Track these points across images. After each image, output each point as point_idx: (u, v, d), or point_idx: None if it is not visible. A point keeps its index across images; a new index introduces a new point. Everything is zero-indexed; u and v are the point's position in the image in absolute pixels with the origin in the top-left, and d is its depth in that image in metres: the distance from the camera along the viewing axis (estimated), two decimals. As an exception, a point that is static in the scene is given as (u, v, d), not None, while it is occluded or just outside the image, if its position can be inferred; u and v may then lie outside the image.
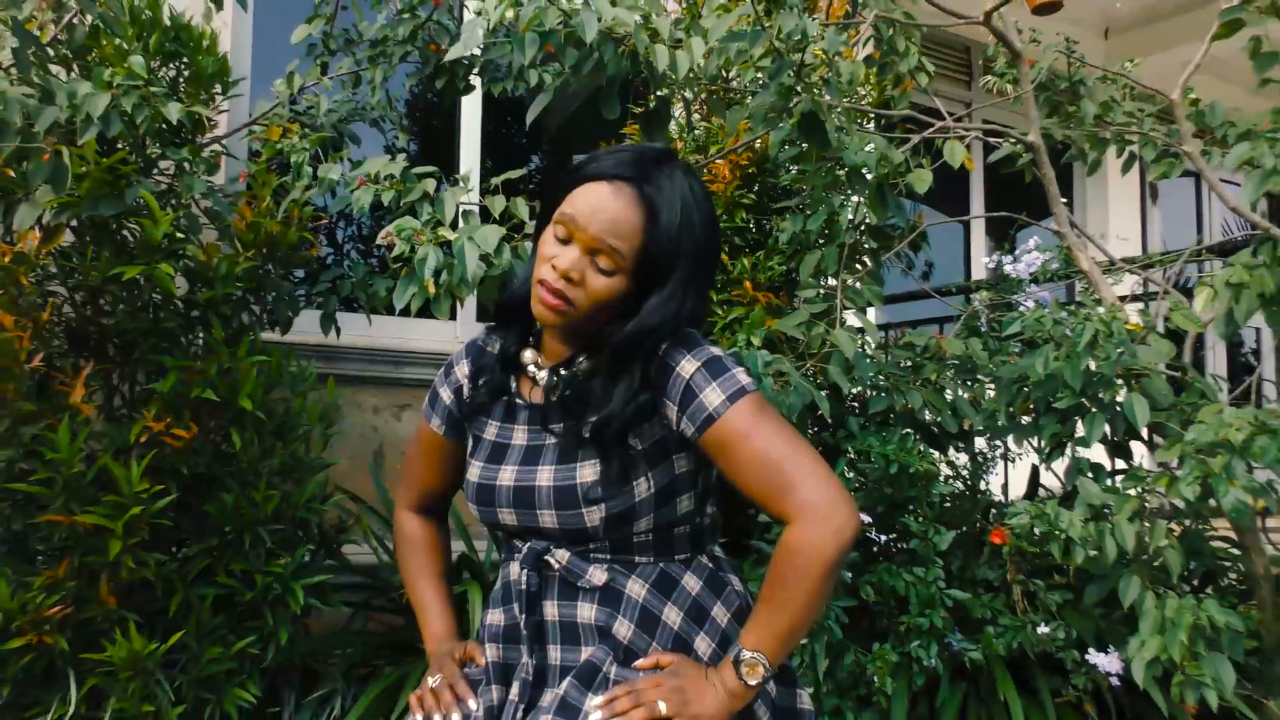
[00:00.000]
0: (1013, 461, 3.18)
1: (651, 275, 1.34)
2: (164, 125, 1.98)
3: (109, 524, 2.03)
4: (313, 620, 2.64)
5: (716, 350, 1.39)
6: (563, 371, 1.42)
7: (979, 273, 5.80)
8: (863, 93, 3.02)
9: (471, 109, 3.99)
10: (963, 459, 2.97)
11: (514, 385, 1.47)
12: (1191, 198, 6.80)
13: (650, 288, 1.35)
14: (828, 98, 1.90)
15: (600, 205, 1.32)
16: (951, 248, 6.13)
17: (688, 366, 1.34)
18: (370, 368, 3.55)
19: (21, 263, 2.09)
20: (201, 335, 2.34)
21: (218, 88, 2.61)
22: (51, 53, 1.92)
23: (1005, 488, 3.39)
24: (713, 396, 1.33)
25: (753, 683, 1.32)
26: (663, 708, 1.29)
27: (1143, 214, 6.31)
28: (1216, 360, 6.16)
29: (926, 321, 3.82)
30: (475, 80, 2.33)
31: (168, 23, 2.48)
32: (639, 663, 1.37)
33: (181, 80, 2.57)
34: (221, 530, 2.27)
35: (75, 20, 1.75)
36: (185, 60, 2.54)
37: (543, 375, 1.44)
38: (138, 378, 2.42)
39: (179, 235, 2.22)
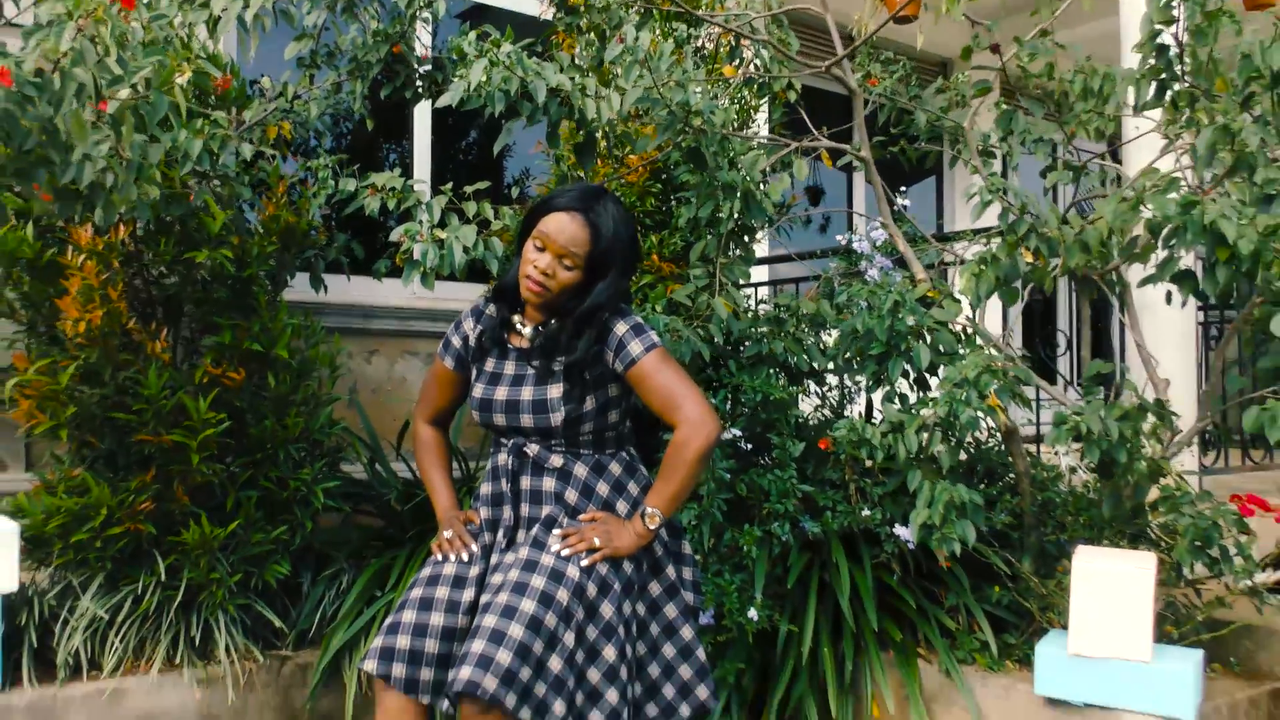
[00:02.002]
0: (860, 394, 4.07)
1: (597, 269, 2.17)
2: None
3: (189, 441, 2.80)
4: (321, 519, 3.43)
5: (638, 318, 2.23)
6: (541, 329, 2.23)
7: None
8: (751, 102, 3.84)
9: (422, 120, 4.73)
10: (834, 393, 3.85)
11: (507, 337, 2.28)
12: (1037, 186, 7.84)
13: (596, 277, 2.18)
14: (707, 133, 2.72)
15: (562, 228, 2.14)
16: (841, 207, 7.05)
17: (621, 328, 2.19)
18: (346, 320, 4.29)
19: (112, 250, 2.81)
20: (242, 301, 3.08)
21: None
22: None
23: (866, 415, 4.28)
24: (635, 348, 2.17)
25: (652, 527, 2.18)
26: (596, 541, 2.13)
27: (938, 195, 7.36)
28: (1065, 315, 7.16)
29: (807, 279, 4.69)
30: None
31: (202, 56, 3.17)
32: (581, 516, 2.21)
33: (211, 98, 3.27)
34: (263, 447, 3.04)
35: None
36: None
37: (528, 331, 2.25)
38: (185, 334, 3.16)
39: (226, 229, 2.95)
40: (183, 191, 2.72)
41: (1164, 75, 2.69)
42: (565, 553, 2.11)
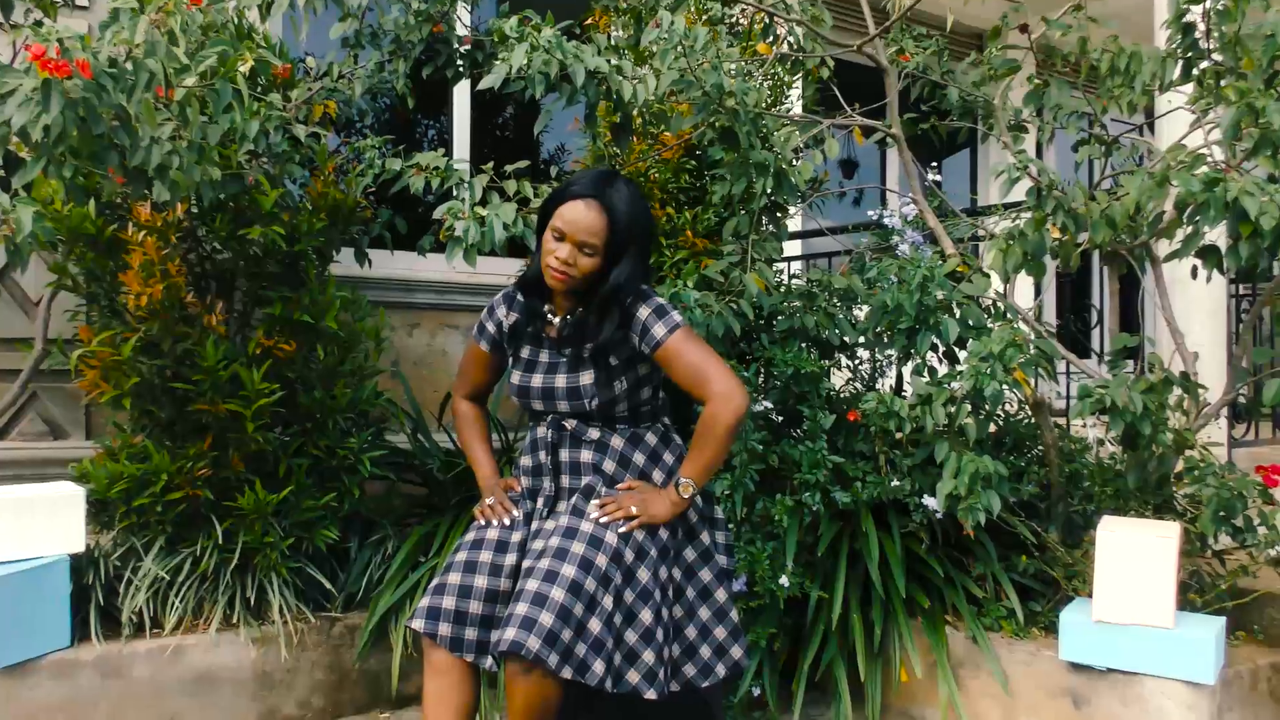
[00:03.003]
0: (890, 368, 4.14)
1: (615, 253, 2.24)
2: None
3: (244, 411, 2.93)
4: (368, 486, 3.56)
5: (660, 299, 2.31)
6: (569, 319, 2.32)
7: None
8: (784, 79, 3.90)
9: (461, 98, 4.82)
10: (865, 367, 3.93)
11: (540, 327, 2.37)
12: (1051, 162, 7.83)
13: (615, 261, 2.25)
14: (741, 113, 2.79)
15: (578, 217, 2.21)
16: (875, 182, 7.07)
17: (644, 311, 2.27)
18: (387, 294, 4.40)
19: (170, 227, 2.93)
20: (292, 275, 3.20)
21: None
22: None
23: (893, 388, 4.35)
24: (659, 330, 2.25)
25: (686, 496, 2.28)
26: (633, 509, 2.23)
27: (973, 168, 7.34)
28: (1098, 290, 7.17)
29: (838, 254, 4.76)
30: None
31: (262, 45, 3.28)
32: (618, 486, 2.30)
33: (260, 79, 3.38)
34: (312, 417, 3.17)
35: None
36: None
37: (557, 321, 2.34)
38: (237, 307, 3.28)
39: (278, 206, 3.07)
40: (239, 171, 2.82)
41: (1190, 54, 2.73)
42: (603, 520, 2.21)
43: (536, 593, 2.07)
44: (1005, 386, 2.72)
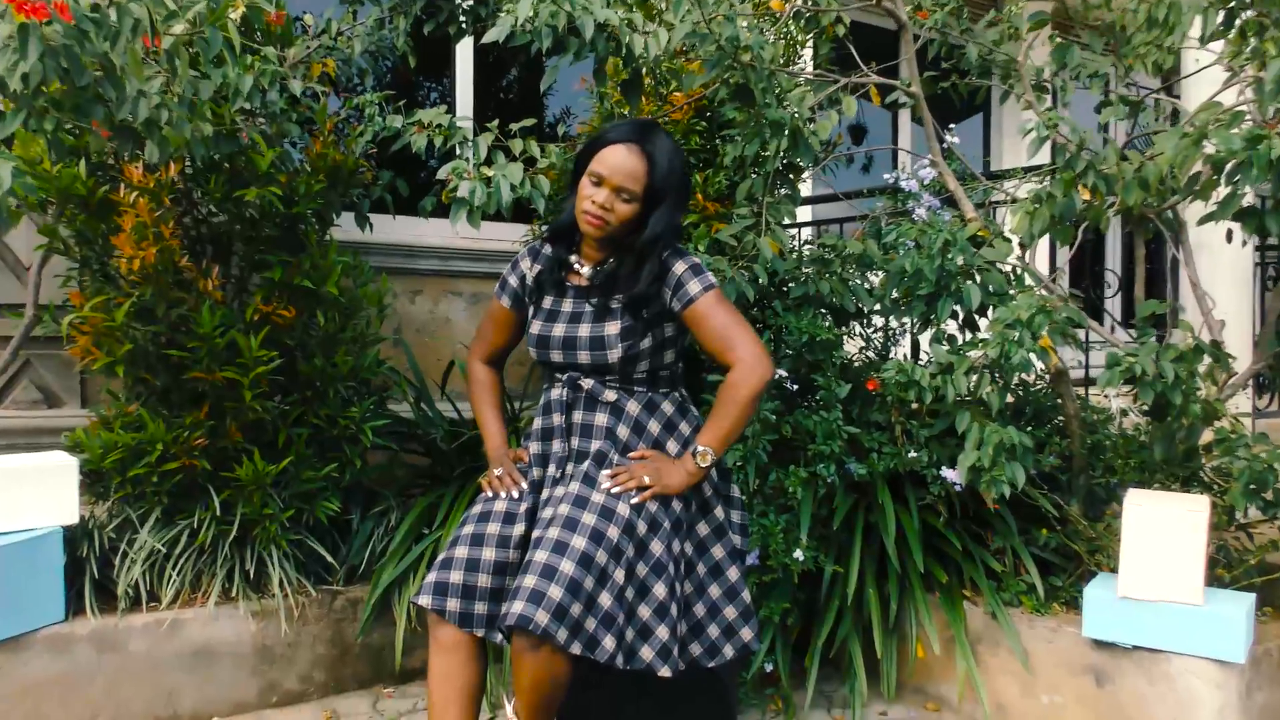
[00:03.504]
0: (904, 336, 4.03)
1: (653, 200, 2.18)
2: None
3: (241, 379, 2.83)
4: (370, 457, 3.47)
5: (696, 258, 2.22)
6: (599, 268, 2.25)
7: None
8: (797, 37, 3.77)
9: (464, 57, 4.68)
10: (878, 335, 3.82)
11: (564, 276, 2.28)
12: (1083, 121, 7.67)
13: (653, 208, 2.18)
14: (756, 69, 2.67)
15: (619, 162, 2.15)
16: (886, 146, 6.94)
17: (679, 266, 2.20)
18: (389, 260, 4.29)
19: (163, 188, 2.82)
20: (291, 238, 3.09)
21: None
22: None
23: (913, 356, 4.24)
24: (693, 286, 2.17)
25: (704, 465, 2.19)
26: (646, 479, 2.14)
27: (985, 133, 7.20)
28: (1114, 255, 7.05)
29: (851, 219, 4.64)
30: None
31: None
32: (631, 455, 2.21)
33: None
34: (312, 385, 3.07)
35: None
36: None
37: (586, 270, 2.27)
38: (234, 272, 3.18)
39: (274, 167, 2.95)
40: (233, 129, 2.71)
41: (1233, 4, 2.60)
42: (615, 490, 2.12)
43: (545, 565, 1.98)
44: (1032, 355, 2.61)
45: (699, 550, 2.30)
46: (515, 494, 2.25)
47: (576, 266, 2.29)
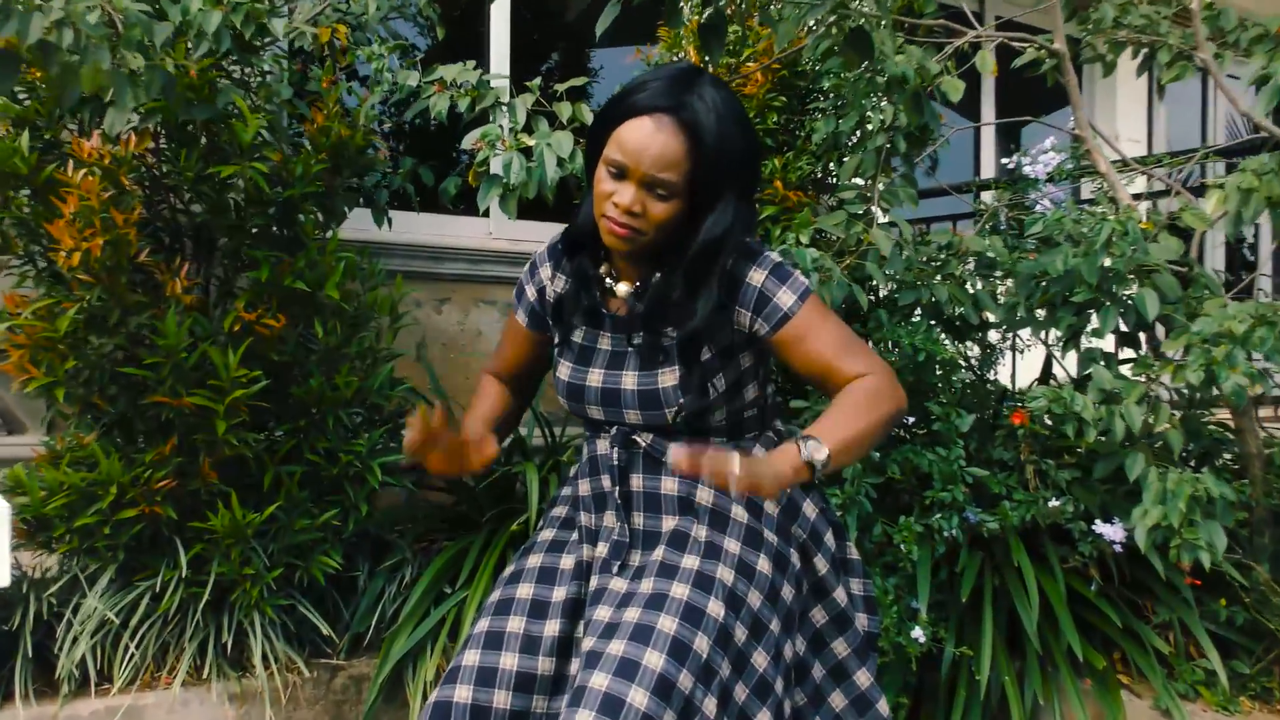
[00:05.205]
0: (1021, 353, 3.39)
1: (704, 192, 1.48)
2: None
3: (213, 405, 2.24)
4: (382, 496, 2.87)
5: (775, 255, 1.57)
6: (640, 288, 1.58)
7: (988, 172, 5.93)
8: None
9: (500, 13, 4.08)
10: (973, 350, 3.17)
11: (599, 298, 1.64)
12: (1197, 100, 6.89)
13: (705, 202, 1.48)
14: (877, 12, 2.05)
15: (646, 143, 1.43)
16: (960, 149, 6.25)
17: (757, 275, 1.52)
18: (411, 263, 3.71)
19: (121, 164, 2.24)
20: (280, 232, 2.51)
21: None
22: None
23: (1013, 377, 3.60)
24: (785, 298, 1.52)
25: (813, 460, 1.37)
26: (734, 468, 1.30)
27: (1149, 116, 6.41)
28: (1215, 257, 6.34)
29: (939, 219, 3.99)
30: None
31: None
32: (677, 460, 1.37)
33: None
34: (307, 412, 2.48)
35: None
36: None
37: (623, 290, 1.61)
38: (216, 272, 2.60)
39: (259, 139, 2.37)
40: (202, 86, 2.14)
41: None
42: (683, 469, 1.32)
43: (605, 695, 1.34)
44: (1246, 381, 1.96)
45: (814, 646, 1.67)
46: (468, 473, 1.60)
47: (611, 284, 1.62)
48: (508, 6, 4.10)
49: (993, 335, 3.16)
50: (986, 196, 3.30)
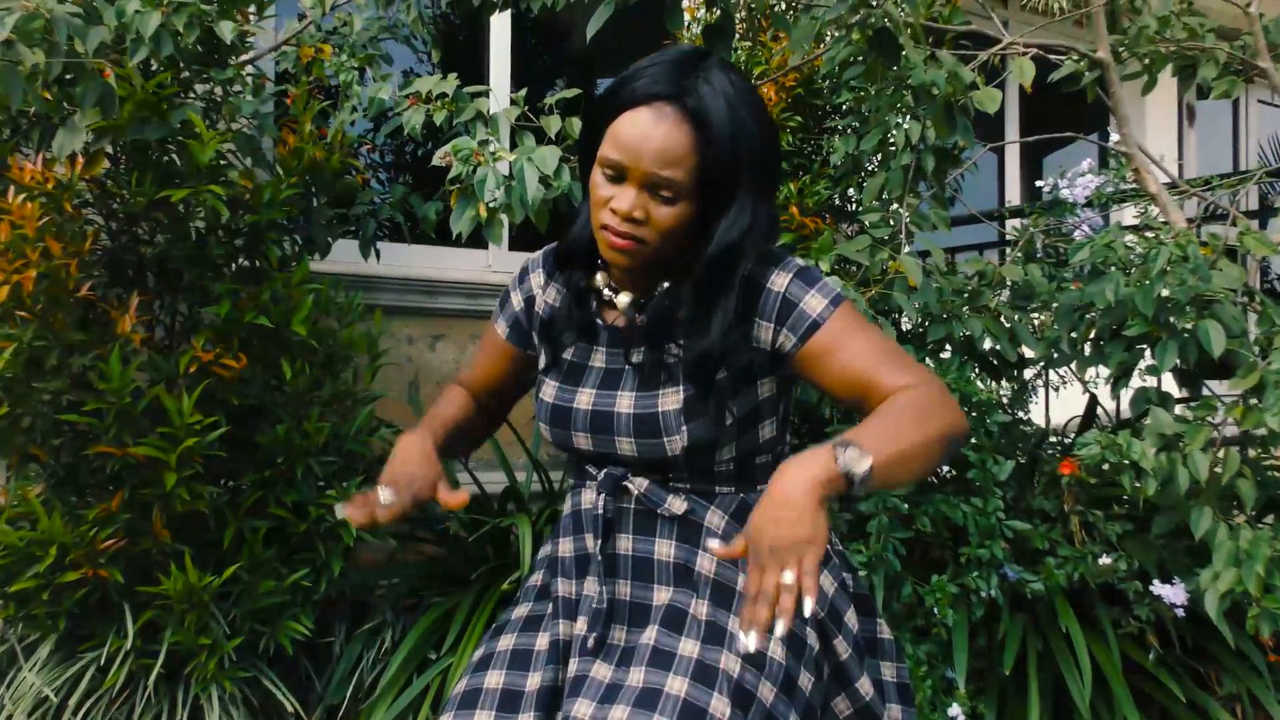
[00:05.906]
0: (1056, 390, 3.13)
1: (717, 189, 1.25)
2: (205, 46, 1.91)
3: (163, 456, 2.01)
4: (357, 552, 2.63)
5: (800, 260, 1.32)
6: (643, 301, 1.35)
7: (1013, 199, 5.68)
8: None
9: (500, 28, 3.89)
10: (1005, 388, 2.92)
11: (594, 311, 1.41)
12: (1227, 124, 6.65)
13: (718, 203, 1.25)
14: (904, 10, 1.82)
15: (645, 137, 1.21)
16: (983, 175, 6.02)
17: (779, 280, 1.28)
18: (404, 297, 3.50)
19: (65, 189, 2.03)
20: (247, 263, 2.29)
21: (252, 7, 2.52)
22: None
23: (1046, 416, 3.34)
24: (814, 303, 1.26)
25: (849, 471, 1.09)
26: (788, 577, 1.06)
27: (1179, 140, 6.17)
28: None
29: (964, 248, 3.74)
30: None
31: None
32: (716, 549, 1.17)
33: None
34: (273, 462, 2.24)
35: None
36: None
37: (623, 301, 1.38)
38: (179, 308, 2.38)
39: (222, 161, 2.16)
40: (157, 103, 1.93)
41: None
42: (754, 648, 1.06)
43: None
44: (1335, 426, 1.71)
45: (837, 748, 1.42)
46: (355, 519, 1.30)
47: (609, 295, 1.39)
48: (509, 31, 3.91)
49: (1027, 371, 2.91)
50: (1014, 224, 3.07)
